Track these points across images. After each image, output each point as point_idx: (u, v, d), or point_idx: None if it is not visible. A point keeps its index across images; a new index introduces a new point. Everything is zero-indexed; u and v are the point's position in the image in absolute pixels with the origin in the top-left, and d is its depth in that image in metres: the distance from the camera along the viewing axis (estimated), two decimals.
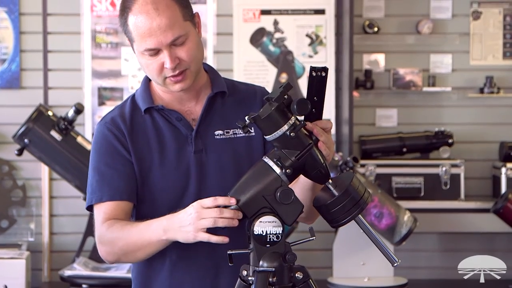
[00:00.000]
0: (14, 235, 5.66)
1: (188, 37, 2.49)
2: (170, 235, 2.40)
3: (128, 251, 2.49)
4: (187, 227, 2.35)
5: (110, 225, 2.51)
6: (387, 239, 5.08)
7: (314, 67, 2.37)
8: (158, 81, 2.53)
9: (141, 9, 2.45)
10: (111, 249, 2.51)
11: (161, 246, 2.46)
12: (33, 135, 4.91)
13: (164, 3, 2.46)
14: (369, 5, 5.92)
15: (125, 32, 2.52)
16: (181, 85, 2.52)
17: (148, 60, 2.49)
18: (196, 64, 2.53)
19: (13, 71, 5.69)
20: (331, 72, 5.82)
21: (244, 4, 5.80)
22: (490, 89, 5.85)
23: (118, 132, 2.57)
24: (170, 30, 2.45)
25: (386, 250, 2.39)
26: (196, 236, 2.34)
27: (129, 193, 2.54)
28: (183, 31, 2.48)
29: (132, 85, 5.72)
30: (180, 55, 2.48)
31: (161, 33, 2.44)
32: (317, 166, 2.34)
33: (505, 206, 5.39)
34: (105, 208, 2.53)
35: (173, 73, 2.49)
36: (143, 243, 2.46)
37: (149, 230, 2.44)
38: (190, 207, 2.37)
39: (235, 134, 2.60)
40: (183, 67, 2.50)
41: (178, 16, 2.47)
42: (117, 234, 2.49)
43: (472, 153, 5.94)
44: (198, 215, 2.33)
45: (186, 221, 2.35)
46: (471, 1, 5.96)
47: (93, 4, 5.70)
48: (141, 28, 2.45)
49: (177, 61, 2.48)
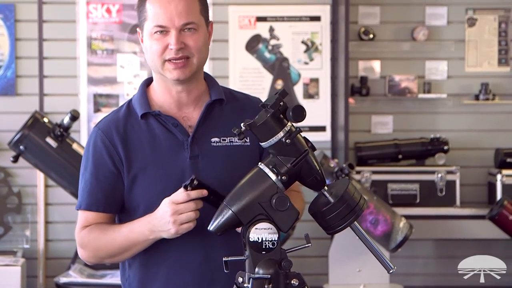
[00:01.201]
0: (10, 242, 5.65)
1: (199, 29, 2.53)
2: (156, 234, 2.48)
3: (114, 254, 2.56)
4: (168, 224, 2.43)
5: (90, 230, 2.57)
6: (383, 246, 5.08)
7: (185, 185, 2.42)
8: (157, 63, 2.54)
9: None
10: (94, 253, 2.59)
11: (148, 244, 2.53)
12: (29, 142, 4.90)
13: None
14: (365, 12, 5.93)
15: (140, 11, 2.55)
16: (179, 72, 2.53)
17: (154, 41, 2.52)
18: (199, 57, 2.54)
19: (8, 78, 5.69)
20: (327, 79, 5.84)
21: (239, 11, 5.80)
22: (486, 96, 5.86)
23: (110, 143, 2.58)
24: (185, 14, 2.50)
25: (381, 256, 2.39)
26: (178, 231, 2.43)
27: (106, 205, 2.59)
28: (196, 20, 2.52)
29: (128, 91, 5.72)
30: (187, 41, 2.51)
31: (176, 14, 2.49)
32: (313, 173, 2.34)
33: (501, 212, 5.40)
34: (86, 215, 2.60)
35: (175, 55, 2.50)
36: (129, 245, 2.53)
37: (133, 233, 2.51)
38: (164, 205, 2.44)
39: (231, 142, 2.60)
40: (187, 53, 2.52)
41: (196, 7, 2.53)
42: (100, 240, 2.55)
43: (468, 159, 5.95)
44: (175, 211, 2.40)
45: (165, 219, 2.43)
46: (467, 8, 5.97)
47: (88, 11, 5.70)
48: (157, 6, 2.50)
49: (182, 45, 2.50)
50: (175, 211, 2.41)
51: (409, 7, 5.96)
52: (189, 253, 2.53)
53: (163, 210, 2.43)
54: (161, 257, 2.55)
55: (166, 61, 2.52)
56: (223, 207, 2.32)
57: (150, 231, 2.47)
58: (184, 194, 2.41)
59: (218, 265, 2.41)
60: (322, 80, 5.86)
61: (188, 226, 2.42)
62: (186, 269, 2.56)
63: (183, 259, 2.55)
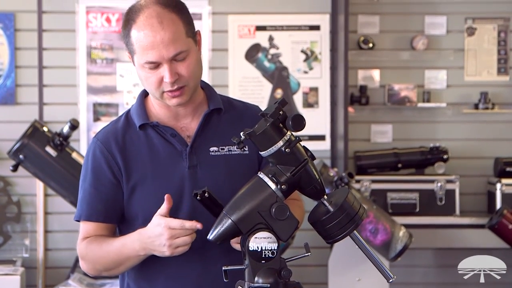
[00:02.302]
0: (9, 251, 5.65)
1: (189, 53, 2.50)
2: (147, 252, 2.47)
3: (110, 268, 2.57)
4: (162, 247, 2.42)
5: (89, 242, 2.58)
6: (383, 255, 5.07)
7: (195, 192, 2.41)
8: (155, 94, 2.54)
9: (145, 22, 2.46)
10: (92, 266, 2.60)
11: (142, 258, 2.52)
12: (28, 151, 4.90)
13: (169, 17, 2.47)
14: (364, 21, 5.94)
15: (127, 44, 2.53)
16: (178, 100, 2.52)
17: (148, 73, 2.50)
18: (194, 80, 2.54)
19: (8, 87, 5.69)
20: (326, 88, 5.84)
21: (239, 20, 5.81)
22: (485, 105, 5.87)
23: (109, 154, 2.58)
24: (173, 45, 2.46)
25: (381, 266, 2.39)
26: (172, 253, 2.42)
27: (106, 216, 2.59)
28: (185, 47, 2.49)
29: (127, 100, 5.72)
30: (180, 71, 2.49)
31: (164, 47, 2.45)
32: (312, 182, 2.34)
33: (500, 222, 5.39)
34: (87, 226, 2.60)
35: (171, 87, 2.49)
36: (123, 260, 2.53)
37: (125, 249, 2.50)
38: (158, 227, 2.41)
39: (230, 151, 2.60)
40: (182, 83, 2.50)
41: (182, 32, 2.49)
42: (96, 253, 2.56)
43: (467, 169, 5.95)
44: (171, 235, 2.39)
45: (159, 241, 2.41)
46: (466, 17, 5.98)
47: (88, 20, 5.71)
48: (144, 41, 2.46)
49: (176, 76, 2.48)
50: (172, 235, 2.40)
51: (408, 16, 5.97)
52: (188, 263, 2.53)
53: (159, 232, 2.41)
54: (160, 267, 2.55)
55: (164, 92, 2.52)
56: (223, 216, 2.32)
57: (142, 248, 2.47)
58: (179, 222, 2.39)
59: (217, 275, 2.40)
60: (322, 89, 5.87)
61: (183, 249, 2.42)
62: (185, 279, 2.56)
63: (182, 269, 2.55)
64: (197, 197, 2.40)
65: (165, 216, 2.42)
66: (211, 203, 2.41)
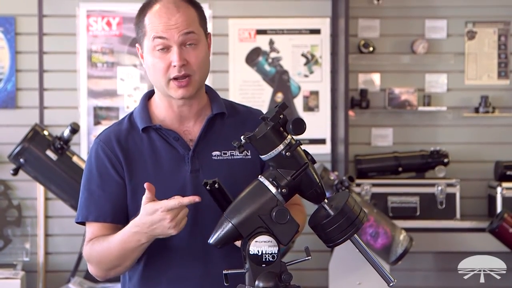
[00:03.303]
0: (9, 255, 5.64)
1: (199, 43, 2.53)
2: (150, 238, 2.43)
3: (115, 265, 2.52)
4: (167, 230, 2.38)
5: (93, 244, 2.55)
6: (383, 259, 5.07)
7: (206, 181, 2.39)
8: (162, 82, 2.53)
9: (162, 6, 2.51)
10: (99, 267, 2.55)
11: (146, 246, 2.48)
12: (29, 154, 4.90)
13: (186, 6, 2.53)
14: (364, 25, 5.94)
15: (139, 27, 2.55)
16: (184, 91, 2.52)
17: (156, 58, 2.51)
18: (200, 74, 2.54)
19: (8, 91, 5.69)
20: (327, 92, 5.85)
21: (239, 24, 5.81)
22: (485, 109, 5.87)
23: (111, 153, 2.57)
24: (186, 26, 2.49)
25: (382, 269, 2.39)
26: (179, 230, 2.39)
27: (114, 216, 2.56)
28: (197, 31, 2.52)
29: (128, 104, 5.73)
30: (189, 58, 2.50)
31: (176, 28, 2.49)
32: (313, 186, 2.34)
33: (501, 225, 5.39)
34: (93, 228, 2.57)
35: (178, 73, 2.49)
36: (127, 253, 2.48)
37: (126, 243, 2.46)
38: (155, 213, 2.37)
39: (232, 156, 2.60)
40: (189, 71, 2.51)
41: (195, 20, 2.53)
42: (99, 252, 2.53)
43: (468, 172, 5.95)
44: (173, 216, 2.36)
45: (162, 226, 2.37)
46: (466, 21, 5.99)
47: (89, 24, 5.71)
48: (157, 21, 2.49)
49: (184, 61, 2.49)
50: (173, 216, 2.37)
51: (408, 20, 5.97)
52: (189, 267, 2.52)
53: (159, 218, 2.37)
54: (161, 270, 2.54)
55: (170, 80, 2.52)
56: (223, 219, 2.32)
57: (145, 237, 2.43)
58: (176, 200, 2.37)
59: (219, 278, 2.40)
60: (322, 92, 5.87)
61: (185, 221, 2.40)
62: (187, 282, 2.55)
63: (184, 272, 2.54)
64: (206, 186, 2.38)
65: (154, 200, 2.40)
66: (220, 195, 2.39)
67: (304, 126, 2.31)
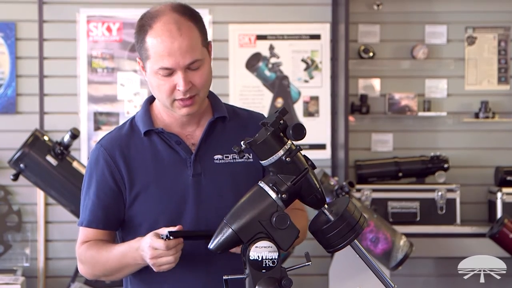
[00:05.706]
0: (9, 260, 5.64)
1: (204, 63, 2.51)
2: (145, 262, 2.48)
3: (108, 274, 2.59)
4: (150, 262, 2.43)
5: (88, 247, 2.59)
6: (383, 264, 5.07)
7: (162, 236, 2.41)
8: (166, 102, 2.53)
9: (163, 28, 2.45)
10: (91, 271, 2.62)
11: (141, 266, 2.53)
12: (29, 160, 4.90)
13: (187, 25, 2.47)
14: (365, 30, 5.95)
15: (140, 49, 2.51)
16: (189, 109, 2.52)
17: (161, 81, 2.49)
18: (205, 90, 2.54)
19: (9, 96, 5.69)
20: (327, 97, 5.85)
21: (240, 29, 5.82)
22: (485, 114, 5.87)
23: (112, 161, 2.58)
24: (190, 53, 2.46)
25: (382, 275, 2.38)
26: (159, 270, 2.44)
27: (106, 223, 2.60)
28: (200, 56, 2.49)
29: (128, 109, 5.73)
30: (194, 80, 2.49)
31: (180, 54, 2.45)
32: (313, 191, 2.34)
33: (501, 231, 5.39)
34: (86, 231, 2.62)
35: (183, 96, 2.49)
36: (122, 267, 2.54)
37: (125, 257, 2.52)
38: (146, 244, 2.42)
39: (234, 159, 2.60)
40: (194, 92, 2.50)
41: (198, 41, 2.49)
42: (95, 258, 2.57)
43: (468, 177, 5.94)
44: (153, 256, 2.41)
45: (146, 257, 2.44)
46: (466, 27, 5.99)
47: (89, 30, 5.72)
48: (160, 47, 2.45)
49: (190, 85, 2.48)
50: (154, 256, 2.41)
51: (408, 25, 5.98)
52: (192, 271, 2.53)
53: (145, 250, 2.43)
54: (164, 275, 2.53)
55: (175, 100, 2.51)
56: (223, 225, 2.32)
57: (141, 258, 2.47)
58: (163, 244, 2.39)
59: (222, 283, 2.40)
60: (322, 98, 5.87)
61: (169, 267, 2.43)
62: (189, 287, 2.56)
63: (187, 277, 2.55)
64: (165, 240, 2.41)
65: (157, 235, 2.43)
66: (189, 235, 2.44)
67: (304, 132, 2.31)
